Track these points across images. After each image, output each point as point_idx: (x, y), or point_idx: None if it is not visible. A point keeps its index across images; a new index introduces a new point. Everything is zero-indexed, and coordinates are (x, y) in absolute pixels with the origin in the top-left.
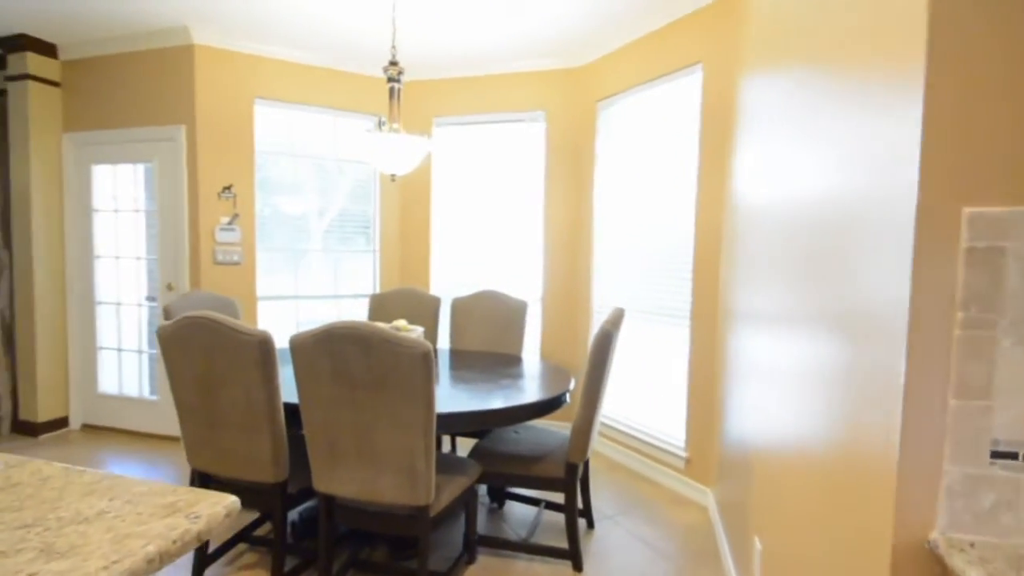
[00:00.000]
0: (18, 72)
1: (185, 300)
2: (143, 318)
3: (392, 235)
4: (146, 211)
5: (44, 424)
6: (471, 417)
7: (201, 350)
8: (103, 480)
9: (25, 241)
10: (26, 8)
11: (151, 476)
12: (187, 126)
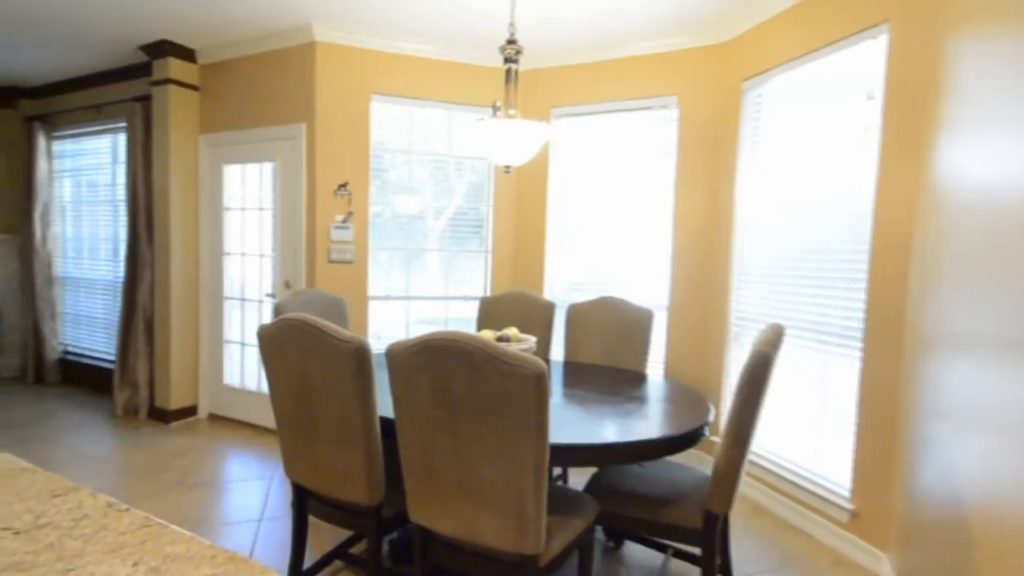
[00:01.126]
0: (161, 77)
1: (296, 298)
2: (264, 314)
3: (505, 235)
4: (270, 209)
5: (175, 412)
6: (589, 452)
7: (297, 354)
8: (139, 530)
9: (164, 238)
10: (168, 14)
11: (263, 474)
12: (307, 124)
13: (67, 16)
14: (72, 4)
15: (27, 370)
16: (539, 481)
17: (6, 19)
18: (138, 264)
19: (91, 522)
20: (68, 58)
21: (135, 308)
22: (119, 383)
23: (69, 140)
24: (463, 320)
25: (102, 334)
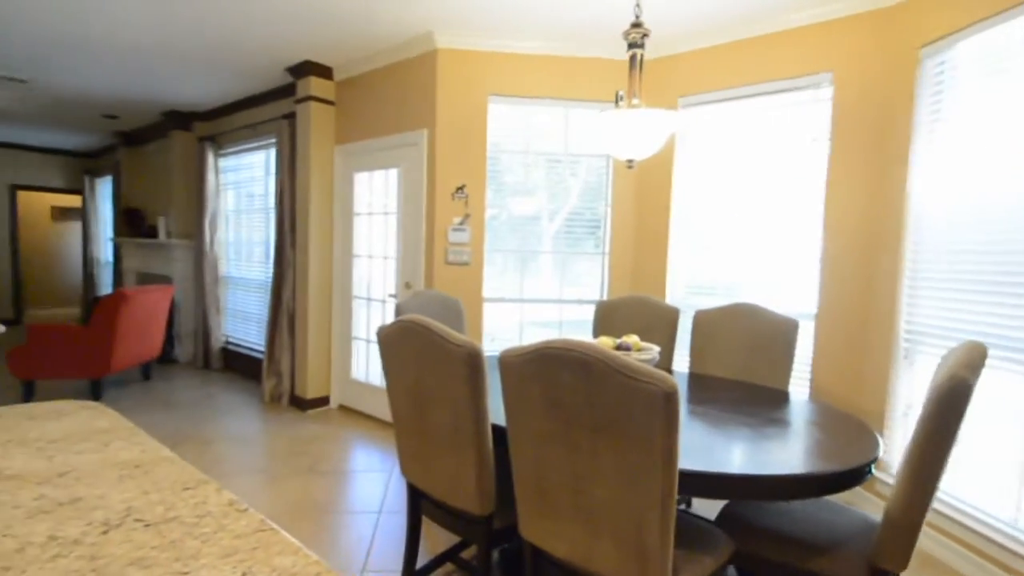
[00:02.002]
0: (304, 95)
1: (414, 299)
2: (387, 313)
3: (624, 235)
4: (393, 214)
5: (311, 401)
6: (724, 483)
7: (412, 356)
8: (253, 535)
9: (304, 242)
10: (310, 36)
11: (384, 467)
12: (428, 130)
13: (231, 47)
14: (235, 36)
15: (197, 356)
16: (665, 512)
17: (185, 58)
18: (283, 265)
19: (212, 520)
20: (230, 84)
21: (280, 305)
22: (266, 372)
23: (232, 156)
24: (578, 324)
25: (255, 327)
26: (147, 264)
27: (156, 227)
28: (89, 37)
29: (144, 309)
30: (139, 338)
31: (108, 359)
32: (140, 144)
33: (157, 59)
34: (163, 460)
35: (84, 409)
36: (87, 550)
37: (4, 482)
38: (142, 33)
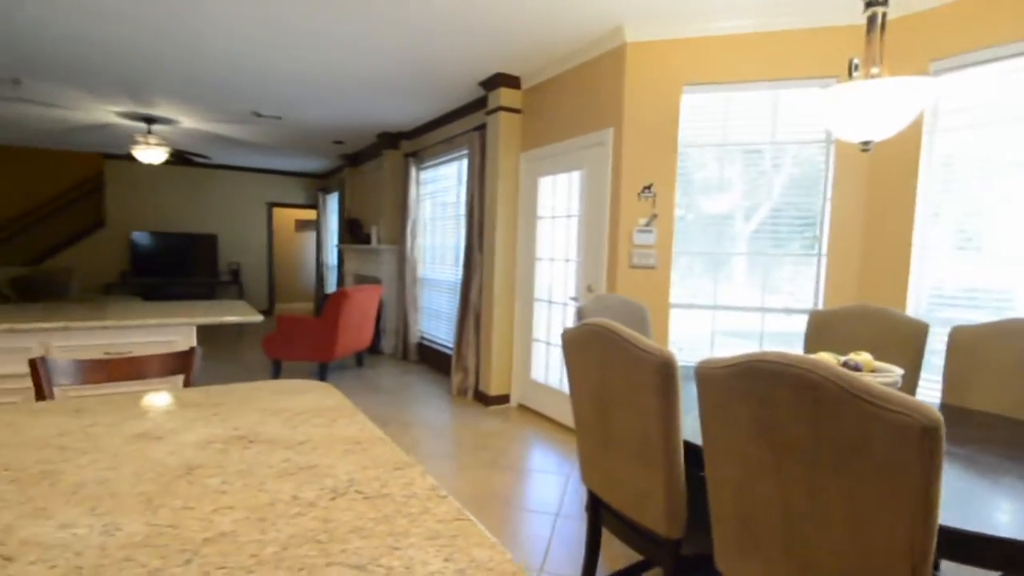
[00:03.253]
0: (494, 106)
1: (597, 303)
2: (567, 316)
3: (848, 234)
4: (576, 216)
5: (493, 397)
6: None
7: (597, 361)
8: (453, 522)
9: (490, 245)
10: (501, 48)
11: (561, 470)
12: (615, 128)
13: (432, 69)
14: (435, 58)
15: (397, 349)
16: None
17: (394, 84)
18: (471, 268)
19: (418, 503)
20: (430, 104)
21: (468, 305)
22: (455, 367)
23: (430, 169)
24: (782, 336)
25: (445, 325)
26: (362, 267)
27: (370, 234)
28: (322, 76)
29: (360, 306)
30: (356, 330)
31: (333, 347)
32: (360, 164)
33: (373, 88)
34: (378, 440)
35: (317, 389)
36: (320, 512)
37: (262, 444)
38: (361, 68)
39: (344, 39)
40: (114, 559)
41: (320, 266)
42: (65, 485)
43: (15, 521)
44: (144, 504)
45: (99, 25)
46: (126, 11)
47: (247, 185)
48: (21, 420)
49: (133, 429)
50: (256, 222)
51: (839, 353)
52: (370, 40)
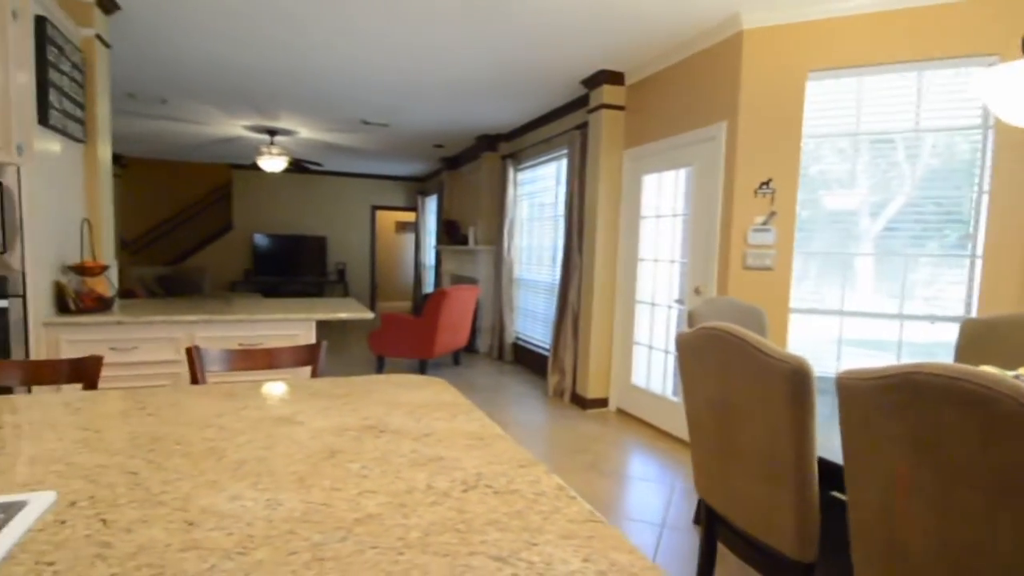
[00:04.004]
0: (596, 104)
1: (709, 306)
2: (671, 319)
3: (1012, 230)
4: (682, 215)
5: (591, 400)
6: None
7: (717, 367)
8: (586, 524)
9: (591, 246)
10: (605, 45)
11: (664, 479)
12: (728, 121)
13: (532, 70)
14: (536, 60)
15: (493, 348)
16: None
17: (494, 86)
18: (570, 268)
19: (547, 501)
20: (529, 105)
21: (566, 306)
22: (551, 368)
23: (528, 170)
24: (923, 347)
25: (541, 326)
26: (459, 267)
27: (467, 236)
28: (425, 83)
29: (458, 305)
30: (454, 329)
31: (432, 345)
32: (458, 167)
33: (473, 93)
34: (497, 436)
35: (432, 384)
36: (455, 503)
37: (391, 434)
38: (461, 73)
39: (446, 47)
40: (280, 531)
41: (418, 266)
42: (229, 461)
43: (193, 491)
44: (298, 483)
45: (235, 50)
46: (257, 36)
47: (353, 189)
48: (184, 401)
49: (277, 413)
50: (360, 224)
51: (1003, 367)
52: (472, 46)
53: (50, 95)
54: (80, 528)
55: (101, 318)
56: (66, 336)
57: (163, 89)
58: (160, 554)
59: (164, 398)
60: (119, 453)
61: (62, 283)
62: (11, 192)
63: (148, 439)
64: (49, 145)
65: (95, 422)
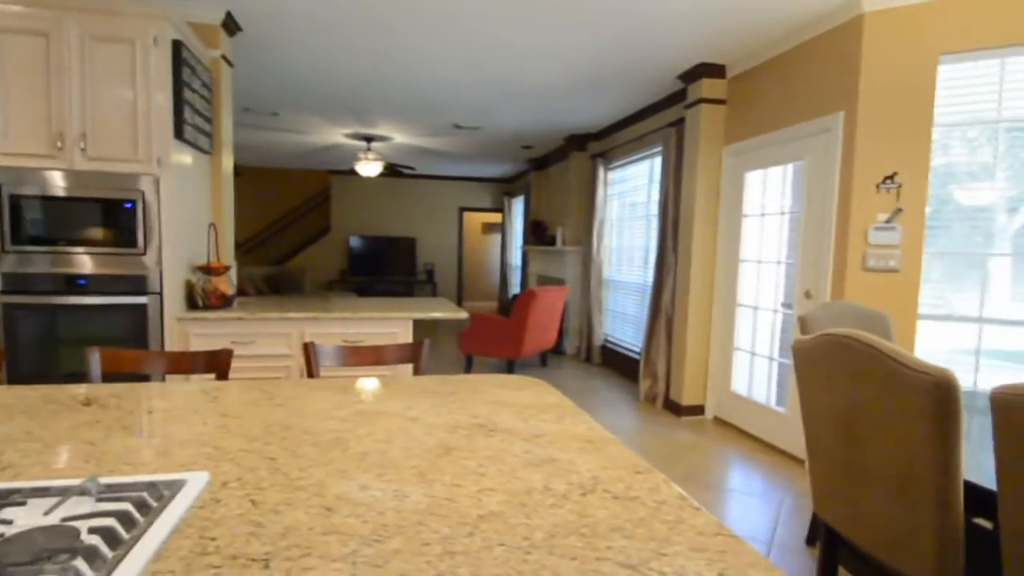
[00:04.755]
0: (694, 99)
1: (825, 311)
2: (776, 324)
3: None
4: (790, 213)
5: (686, 407)
6: None
7: (845, 378)
8: (715, 537)
9: (687, 247)
10: (706, 36)
11: (768, 495)
12: (846, 111)
13: (625, 68)
14: (630, 56)
15: (580, 350)
16: None
17: (586, 86)
18: (664, 270)
19: (670, 510)
20: (621, 103)
21: (659, 308)
22: (642, 372)
23: (618, 169)
24: None
25: (631, 328)
26: (546, 268)
27: (555, 236)
28: (515, 85)
29: (547, 306)
30: (542, 330)
31: (520, 345)
32: (545, 167)
33: (564, 92)
34: (608, 441)
35: (535, 385)
36: (575, 506)
37: (501, 433)
38: (557, 71)
39: (544, 48)
40: (410, 522)
41: (504, 267)
42: (353, 452)
43: (326, 478)
44: (419, 476)
45: (339, 63)
46: (360, 48)
47: (442, 192)
48: (305, 394)
49: (391, 408)
50: (448, 226)
51: None
52: (569, 46)
53: (184, 112)
54: (233, 507)
55: (224, 314)
56: (194, 330)
57: (275, 103)
58: (305, 536)
59: (288, 390)
60: (257, 439)
61: (191, 282)
62: (151, 200)
63: (280, 428)
64: (182, 157)
65: (232, 409)
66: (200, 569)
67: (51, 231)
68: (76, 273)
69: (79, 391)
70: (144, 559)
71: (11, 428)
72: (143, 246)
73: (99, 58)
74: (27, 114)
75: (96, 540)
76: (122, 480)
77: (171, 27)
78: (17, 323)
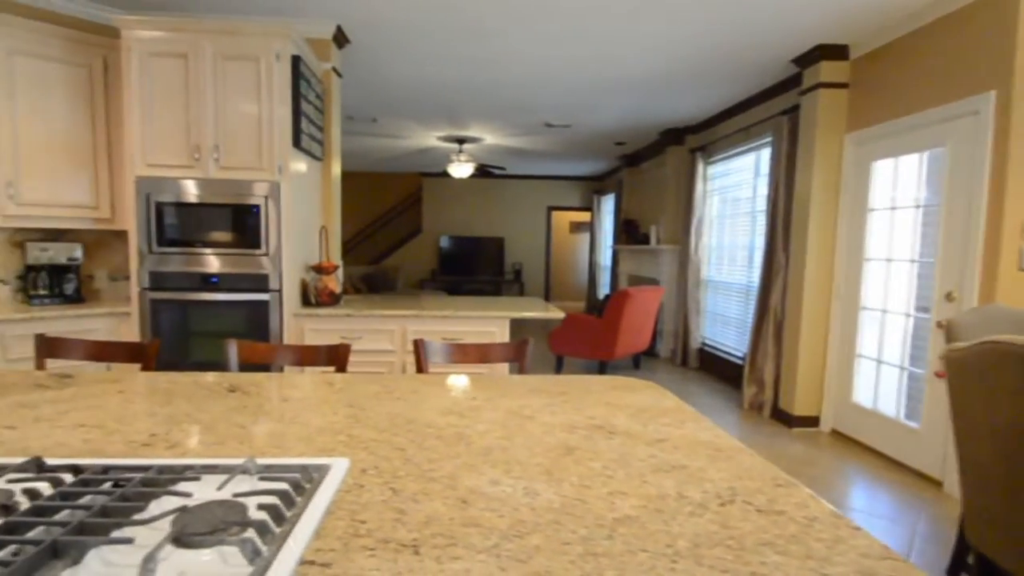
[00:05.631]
0: (811, 83)
1: (976, 316)
2: (908, 330)
3: None
4: (925, 207)
5: (798, 418)
6: None
7: (1010, 391)
8: (884, 560)
9: (800, 244)
10: (825, 15)
11: (899, 517)
12: (997, 91)
13: (730, 55)
14: (736, 43)
15: (676, 354)
16: None
17: (686, 76)
18: (772, 269)
19: (824, 529)
20: (724, 92)
21: (766, 311)
22: (747, 379)
23: (719, 163)
24: None
25: (733, 332)
26: (638, 267)
27: (648, 235)
28: (610, 80)
29: (641, 307)
30: (636, 332)
31: (613, 347)
32: (638, 163)
33: (662, 85)
34: (739, 449)
35: (649, 388)
36: (715, 516)
37: (621, 436)
38: (657, 63)
39: (640, 41)
40: (545, 520)
41: (593, 266)
42: (477, 447)
43: (455, 471)
44: (546, 475)
45: (436, 68)
46: (456, 53)
47: (530, 191)
48: (420, 388)
49: (505, 406)
50: (536, 225)
51: None
52: (671, 36)
53: (301, 122)
54: (376, 493)
55: (334, 311)
56: (309, 326)
57: (374, 109)
58: (446, 526)
59: (404, 384)
60: (385, 430)
61: (305, 280)
62: (272, 204)
63: (403, 420)
64: (299, 164)
65: (357, 401)
66: (356, 550)
67: (187, 234)
68: (209, 272)
69: (223, 379)
70: (307, 536)
71: (173, 410)
72: (265, 247)
73: (229, 75)
74: (169, 129)
75: (264, 516)
76: (276, 462)
77: (291, 43)
78: (159, 316)
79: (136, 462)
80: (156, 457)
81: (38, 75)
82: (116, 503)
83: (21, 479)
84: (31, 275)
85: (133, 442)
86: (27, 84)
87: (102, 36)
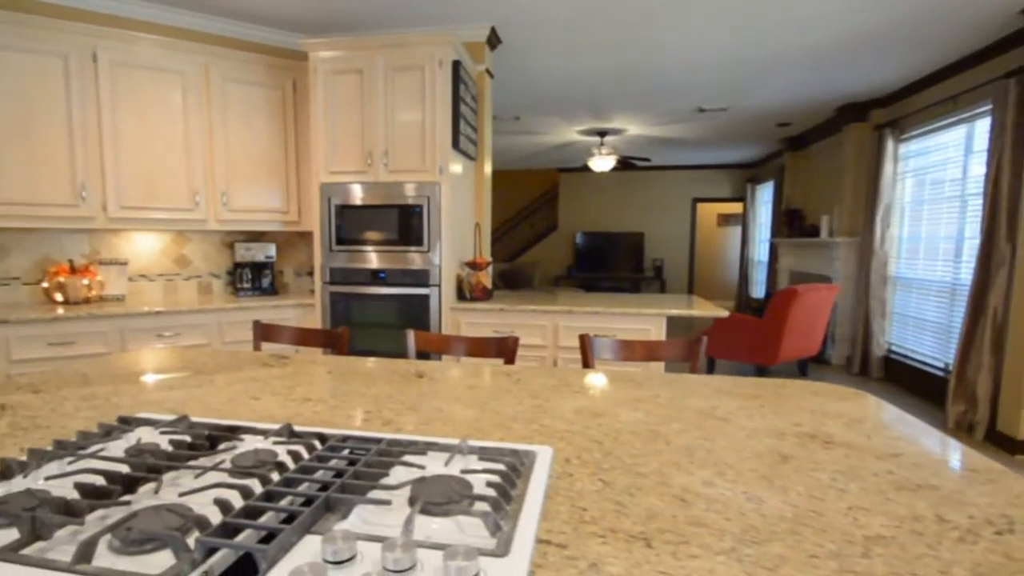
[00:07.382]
0: None
1: None
2: None
3: None
4: None
5: (1022, 443)
6: None
7: None
8: None
9: None
10: None
11: None
12: None
13: (930, 11)
14: None
15: (853, 361)
16: None
17: (868, 42)
18: (990, 264)
19: None
20: (922, 57)
21: (981, 313)
22: (952, 394)
23: (915, 140)
24: None
25: (930, 337)
26: (801, 263)
27: (817, 226)
28: (781, 55)
29: (811, 307)
30: (803, 335)
31: (776, 350)
32: (804, 146)
33: (845, 52)
34: (999, 471)
35: (858, 396)
36: (992, 546)
37: (840, 447)
38: (836, 29)
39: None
40: (780, 530)
41: (744, 262)
42: (676, 446)
43: (661, 468)
44: (764, 482)
45: (578, 60)
46: (601, 41)
47: (673, 183)
48: (594, 384)
49: (694, 406)
50: (679, 218)
51: None
52: None
53: (460, 124)
54: (586, 483)
55: (487, 305)
56: (464, 319)
57: (518, 107)
58: (671, 523)
59: (577, 379)
60: (574, 423)
61: (461, 275)
62: (433, 204)
63: (589, 414)
64: (456, 165)
65: (538, 392)
66: (587, 536)
67: (359, 233)
68: (378, 268)
69: (410, 365)
70: (535, 516)
71: (378, 391)
72: (427, 244)
73: (398, 84)
74: (348, 138)
75: (492, 492)
76: (488, 444)
77: (452, 50)
78: (336, 307)
79: (368, 435)
80: (377, 431)
81: (245, 99)
82: (365, 468)
83: (281, 442)
84: (238, 271)
85: (353, 416)
86: (237, 107)
87: (291, 60)
